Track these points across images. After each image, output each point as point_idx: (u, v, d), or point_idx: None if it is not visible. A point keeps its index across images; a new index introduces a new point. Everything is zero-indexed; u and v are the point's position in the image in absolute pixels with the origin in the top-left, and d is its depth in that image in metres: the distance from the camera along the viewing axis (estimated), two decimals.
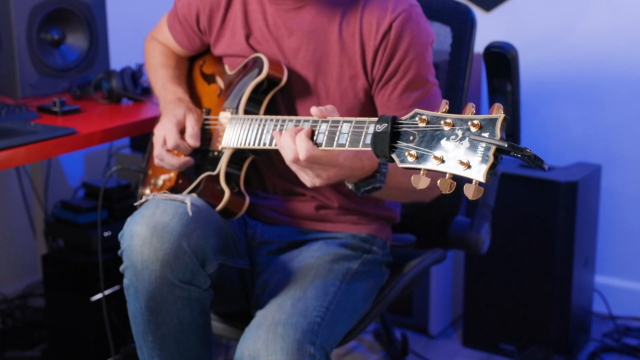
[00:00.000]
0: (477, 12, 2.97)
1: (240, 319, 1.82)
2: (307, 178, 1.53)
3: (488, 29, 2.71)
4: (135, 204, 1.74)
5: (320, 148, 1.47)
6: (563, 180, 2.53)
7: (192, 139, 1.76)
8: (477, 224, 2.05)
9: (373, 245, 1.85)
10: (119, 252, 1.64)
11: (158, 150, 1.77)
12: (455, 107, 2.03)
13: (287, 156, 1.49)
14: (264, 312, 1.60)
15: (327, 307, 1.63)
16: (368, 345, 2.76)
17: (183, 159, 1.76)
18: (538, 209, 2.58)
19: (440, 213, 2.09)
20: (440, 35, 2.04)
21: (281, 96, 1.78)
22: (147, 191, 1.95)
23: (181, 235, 1.58)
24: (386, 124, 1.33)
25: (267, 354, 1.52)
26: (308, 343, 1.54)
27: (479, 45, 2.08)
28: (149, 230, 1.58)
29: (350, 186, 1.59)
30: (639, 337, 2.79)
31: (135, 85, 2.40)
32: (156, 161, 1.79)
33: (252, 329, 1.58)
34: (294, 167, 1.52)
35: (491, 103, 2.08)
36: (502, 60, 2.01)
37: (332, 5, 1.72)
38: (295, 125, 1.53)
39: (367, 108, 1.75)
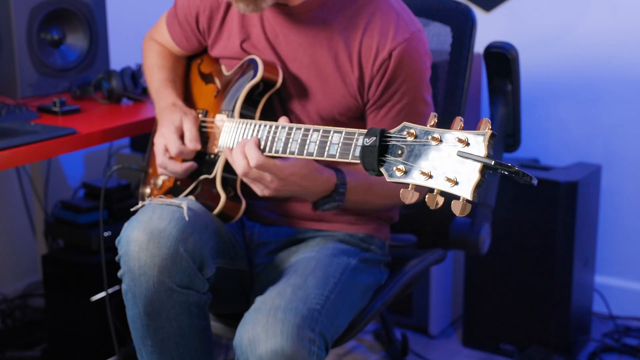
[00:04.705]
0: (477, 12, 2.97)
1: (240, 319, 1.81)
2: (257, 189, 1.62)
3: (488, 29, 2.71)
4: (132, 209, 1.74)
5: (265, 155, 1.56)
6: (563, 180, 2.53)
7: (191, 142, 1.77)
8: (478, 224, 2.05)
9: (371, 245, 1.85)
10: (116, 258, 1.65)
11: (160, 159, 1.77)
12: (455, 107, 2.03)
13: (238, 169, 1.59)
14: (264, 298, 1.60)
15: (327, 296, 1.63)
16: (368, 345, 2.76)
17: (186, 164, 1.77)
18: (538, 209, 2.58)
19: (440, 213, 2.09)
20: (441, 35, 2.04)
21: (277, 99, 1.79)
22: (148, 190, 1.96)
23: (178, 240, 1.59)
24: (374, 138, 1.33)
25: (267, 337, 1.52)
26: (307, 328, 1.54)
27: (479, 45, 2.08)
28: (146, 236, 1.58)
29: (312, 204, 1.70)
30: (639, 337, 2.79)
31: (135, 85, 2.40)
32: (160, 170, 1.80)
33: (252, 313, 1.58)
34: (247, 178, 1.60)
35: (491, 103, 2.08)
36: (503, 60, 2.01)
37: (331, 22, 1.72)
38: (288, 133, 1.55)
39: (354, 127, 1.76)
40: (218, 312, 1.85)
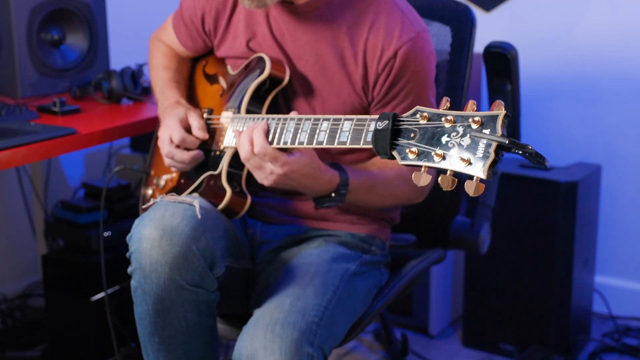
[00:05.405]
0: (477, 12, 2.97)
1: (241, 319, 1.81)
2: (257, 176, 1.62)
3: (488, 29, 2.70)
4: (143, 206, 1.74)
5: (272, 147, 1.56)
6: (563, 180, 2.53)
7: (199, 131, 1.78)
8: (477, 224, 2.05)
9: (372, 246, 1.85)
10: (127, 254, 1.65)
11: (166, 148, 1.77)
12: (455, 107, 2.02)
13: (241, 153, 1.60)
14: (262, 311, 1.60)
15: (325, 307, 1.63)
16: (368, 345, 2.76)
17: (193, 152, 1.77)
18: (538, 209, 2.58)
19: (440, 213, 2.09)
20: (440, 35, 2.04)
21: (282, 97, 1.79)
22: (150, 191, 1.95)
23: (190, 238, 1.59)
24: (387, 121, 1.34)
25: (265, 353, 1.52)
26: (306, 343, 1.54)
27: (479, 45, 2.08)
28: (158, 233, 1.58)
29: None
30: (639, 337, 2.79)
31: (135, 85, 2.40)
32: (166, 161, 1.79)
33: (250, 327, 1.58)
34: (249, 164, 1.61)
35: (491, 103, 2.08)
36: (502, 60, 2.02)
37: (337, 21, 1.73)
38: (297, 124, 1.55)
39: None
40: (221, 312, 1.85)
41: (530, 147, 1.20)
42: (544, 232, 2.58)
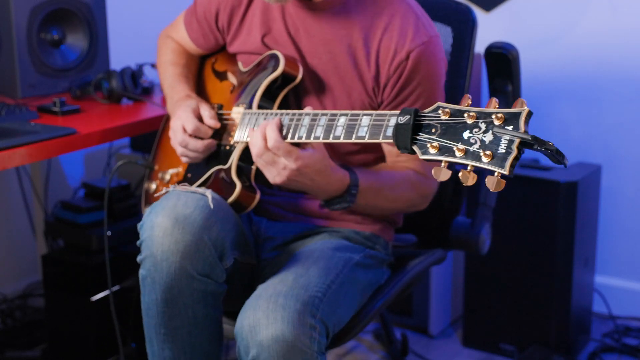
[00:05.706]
0: (477, 12, 2.97)
1: None
2: (269, 174, 1.60)
3: (488, 29, 2.71)
4: (156, 194, 1.74)
5: (286, 141, 1.55)
6: (563, 180, 2.53)
7: (211, 119, 1.79)
8: (478, 225, 2.05)
9: (375, 244, 1.86)
10: (137, 242, 1.65)
11: (180, 137, 1.78)
12: None
13: (254, 149, 1.59)
14: (266, 285, 1.61)
15: (328, 286, 1.64)
16: (368, 345, 2.76)
17: (207, 141, 1.78)
18: (538, 209, 2.58)
19: (440, 213, 2.09)
20: (441, 36, 2.04)
21: (293, 94, 1.80)
22: (153, 186, 1.96)
23: (202, 228, 1.59)
24: (409, 116, 1.34)
25: (267, 322, 1.52)
26: (308, 314, 1.55)
27: (479, 45, 2.08)
28: (170, 222, 1.58)
29: (321, 201, 1.71)
30: (639, 337, 2.79)
31: (135, 85, 2.40)
32: (179, 150, 1.80)
33: (253, 299, 1.59)
34: (262, 160, 1.59)
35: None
36: (503, 60, 2.02)
37: (352, 20, 1.74)
38: (312, 119, 1.56)
39: None
40: (225, 309, 1.85)
41: (552, 144, 1.22)
42: (544, 232, 2.58)
